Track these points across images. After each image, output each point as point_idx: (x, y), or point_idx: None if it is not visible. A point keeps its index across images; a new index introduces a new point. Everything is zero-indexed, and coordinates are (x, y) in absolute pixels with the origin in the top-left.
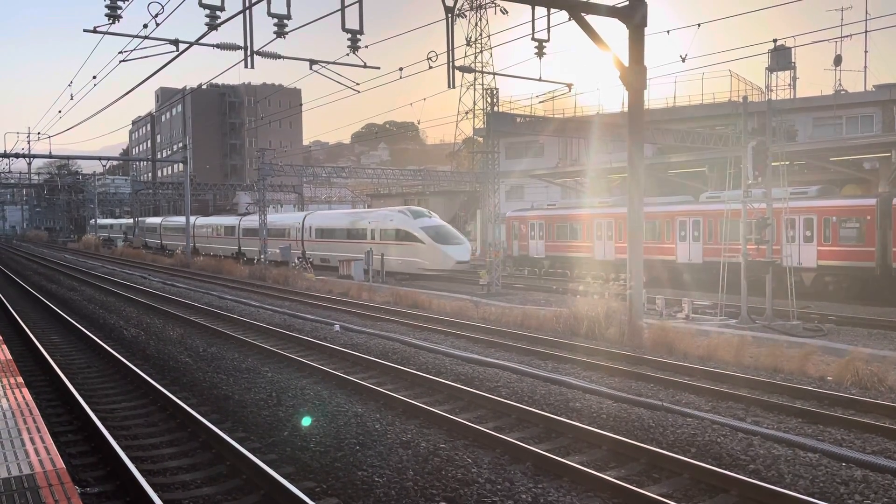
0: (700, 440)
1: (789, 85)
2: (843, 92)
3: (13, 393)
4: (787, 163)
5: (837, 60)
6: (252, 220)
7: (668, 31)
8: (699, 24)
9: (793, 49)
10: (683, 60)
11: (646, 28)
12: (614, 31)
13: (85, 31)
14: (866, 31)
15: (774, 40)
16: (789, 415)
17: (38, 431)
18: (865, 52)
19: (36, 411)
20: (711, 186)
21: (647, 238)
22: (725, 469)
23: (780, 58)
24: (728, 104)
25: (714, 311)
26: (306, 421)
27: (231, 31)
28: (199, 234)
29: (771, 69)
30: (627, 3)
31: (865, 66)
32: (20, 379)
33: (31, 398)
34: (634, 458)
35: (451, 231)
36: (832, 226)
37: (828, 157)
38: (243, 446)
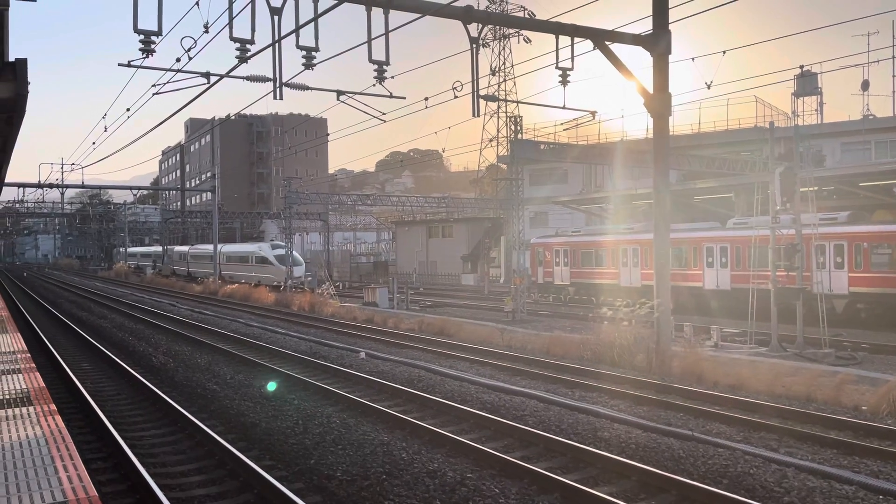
0: (732, 471)
1: (816, 110)
2: (871, 116)
3: (46, 420)
4: (816, 188)
5: (865, 85)
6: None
7: (693, 59)
8: (724, 52)
9: (819, 74)
10: (709, 87)
11: (670, 55)
12: (638, 57)
13: (120, 65)
14: (894, 56)
15: (801, 66)
16: (824, 446)
17: (71, 459)
18: (893, 76)
19: (69, 439)
20: (738, 212)
21: (674, 265)
22: (759, 501)
23: (807, 83)
24: (754, 130)
25: (743, 338)
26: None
27: (261, 64)
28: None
29: (797, 94)
30: (651, 31)
31: (894, 91)
32: (53, 406)
33: (63, 426)
34: (665, 489)
35: (295, 257)
36: (864, 252)
37: (857, 182)
38: (270, 474)
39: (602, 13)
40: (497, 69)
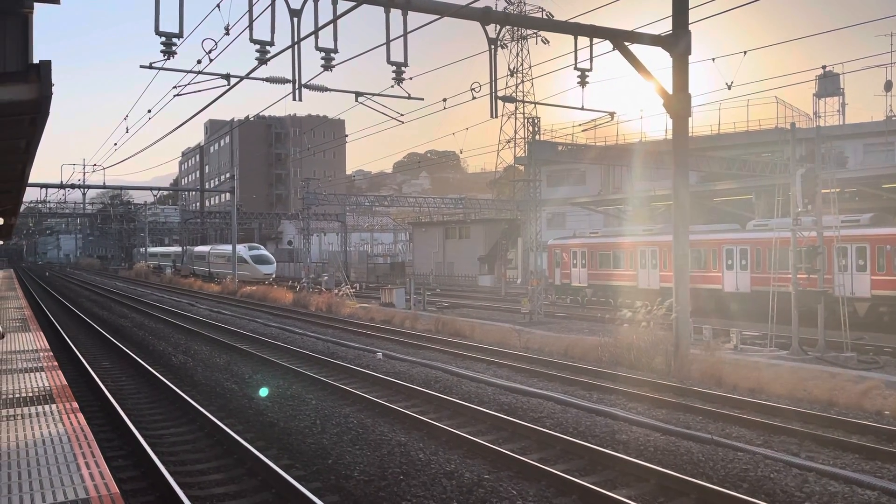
0: (752, 475)
1: (838, 111)
2: (894, 118)
3: (69, 418)
4: (838, 190)
5: (888, 86)
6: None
7: (713, 59)
8: (745, 52)
9: (841, 75)
10: (729, 88)
11: (690, 56)
12: (658, 57)
13: (141, 67)
14: None
15: (823, 66)
16: (845, 450)
17: (94, 456)
18: None
19: (91, 436)
20: (759, 214)
21: (693, 267)
22: None
23: (828, 84)
24: (774, 131)
25: (764, 341)
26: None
27: (280, 65)
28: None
29: (819, 95)
30: (671, 32)
31: None
32: (75, 404)
33: (86, 423)
34: (684, 492)
35: (267, 257)
36: (886, 254)
37: (880, 184)
38: (288, 474)
39: (621, 14)
40: (515, 70)
